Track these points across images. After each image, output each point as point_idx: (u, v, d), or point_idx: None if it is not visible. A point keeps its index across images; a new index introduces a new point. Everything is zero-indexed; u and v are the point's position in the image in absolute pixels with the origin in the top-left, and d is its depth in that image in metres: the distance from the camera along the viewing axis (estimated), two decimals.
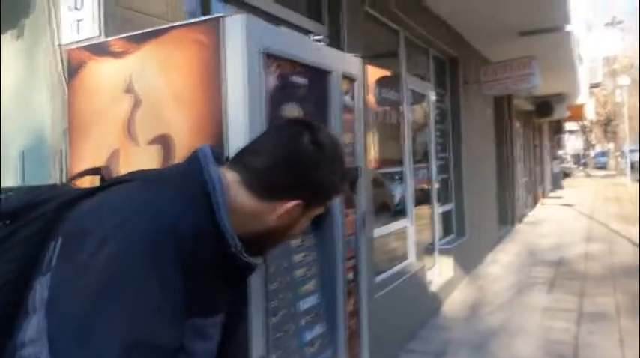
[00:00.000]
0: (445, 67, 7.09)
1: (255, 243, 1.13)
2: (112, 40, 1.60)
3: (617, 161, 35.40)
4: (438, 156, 6.52)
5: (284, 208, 1.05)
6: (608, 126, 39.50)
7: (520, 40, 7.34)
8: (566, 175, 27.83)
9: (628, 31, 32.00)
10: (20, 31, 2.12)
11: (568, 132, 34.87)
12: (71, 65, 1.68)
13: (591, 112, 26.61)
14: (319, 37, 1.79)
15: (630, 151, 26.59)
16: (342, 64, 1.81)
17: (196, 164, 1.04)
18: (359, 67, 1.91)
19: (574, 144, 46.34)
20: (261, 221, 1.07)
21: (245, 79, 1.35)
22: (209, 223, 0.98)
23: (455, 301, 5.97)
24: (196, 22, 1.46)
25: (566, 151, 38.59)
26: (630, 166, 24.64)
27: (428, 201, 6.23)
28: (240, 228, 1.06)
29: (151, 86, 1.49)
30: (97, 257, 0.86)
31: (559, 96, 14.47)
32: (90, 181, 1.23)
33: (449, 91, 7.15)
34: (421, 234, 5.83)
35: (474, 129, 7.75)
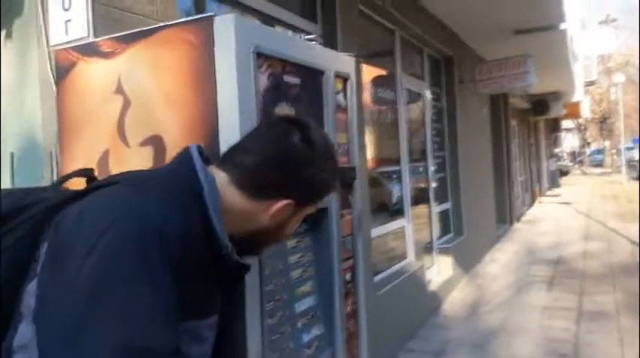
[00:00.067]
0: (440, 65, 7.09)
1: (249, 243, 1.11)
2: (100, 41, 1.57)
3: (613, 159, 35.53)
4: (434, 155, 6.52)
5: (275, 207, 1.03)
6: (604, 124, 39.63)
7: (515, 39, 7.35)
8: (563, 173, 27.89)
9: (622, 29, 32.24)
10: (11, 32, 2.10)
11: (564, 131, 35.01)
12: (60, 66, 1.65)
13: (587, 110, 26.72)
14: (311, 37, 1.77)
15: (626, 149, 26.66)
16: (335, 63, 1.78)
17: (184, 165, 1.02)
18: (352, 66, 1.88)
19: (570, 142, 46.46)
20: (253, 220, 1.05)
21: (236, 78, 1.33)
22: (198, 225, 0.96)
23: (454, 300, 5.96)
24: (186, 21, 1.43)
25: (563, 149, 38.67)
26: (628, 164, 24.71)
27: (425, 200, 6.22)
28: (232, 228, 1.04)
29: (141, 87, 1.47)
30: (84, 265, 0.84)
31: (555, 95, 14.50)
32: (80, 183, 1.21)
33: (445, 90, 7.15)
34: (419, 234, 5.81)
35: (470, 127, 7.74)
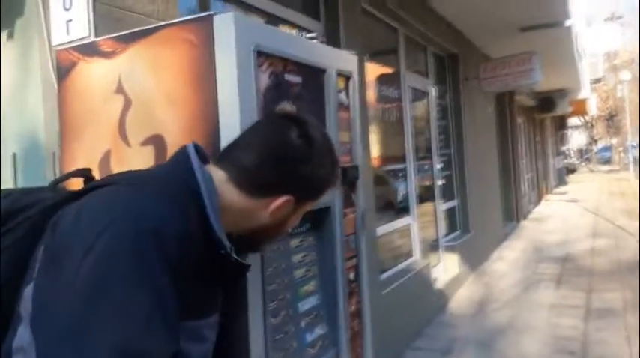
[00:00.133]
0: (445, 63, 7.06)
1: (249, 240, 1.11)
2: (100, 40, 1.57)
3: (620, 156, 35.30)
4: (440, 153, 6.50)
5: (275, 204, 1.02)
6: (610, 122, 39.40)
7: (521, 36, 7.31)
8: (570, 171, 27.76)
9: (628, 26, 31.98)
10: (13, 33, 2.10)
11: (571, 128, 34.84)
12: (61, 66, 1.65)
13: (594, 108, 26.57)
14: (313, 35, 1.76)
15: (633, 146, 26.50)
16: (337, 61, 1.77)
17: (181, 164, 1.01)
18: (355, 64, 1.87)
19: (577, 139, 46.23)
20: (253, 218, 1.05)
21: (236, 77, 1.32)
22: (196, 225, 0.95)
23: (461, 298, 5.94)
24: (185, 20, 1.42)
25: (570, 147, 38.50)
26: (633, 161, 24.55)
27: (431, 198, 6.20)
28: (231, 226, 1.03)
29: (141, 86, 1.46)
30: (81, 266, 0.83)
31: (561, 92, 14.43)
32: (80, 183, 1.20)
33: (450, 88, 7.12)
34: (425, 231, 5.79)
35: (476, 125, 7.71)
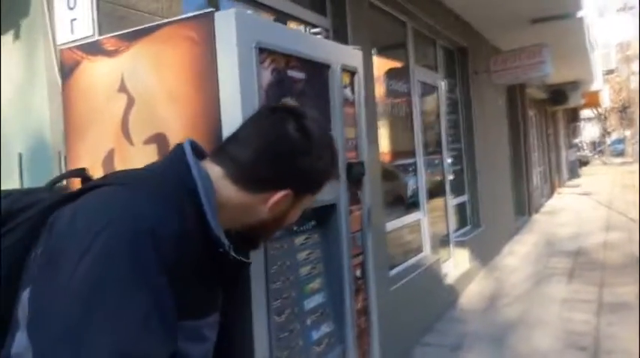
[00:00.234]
0: (454, 57, 7.00)
1: (248, 236, 1.09)
2: (104, 39, 1.56)
3: (633, 148, 34.88)
4: (450, 148, 6.46)
5: (273, 199, 1.01)
6: (624, 113, 38.91)
7: (531, 28, 7.23)
8: (583, 163, 27.51)
9: None
10: (18, 32, 2.10)
11: (584, 120, 34.45)
12: (65, 65, 1.65)
13: (607, 99, 26.25)
14: (317, 30, 1.74)
15: None
16: (342, 56, 1.75)
17: (177, 162, 1.00)
18: (360, 59, 1.85)
19: (590, 131, 45.74)
20: (252, 213, 1.03)
21: (238, 74, 1.31)
22: (193, 223, 0.94)
23: (472, 293, 5.91)
24: (187, 18, 1.42)
25: (583, 139, 38.11)
26: None
27: (441, 192, 6.17)
28: (230, 223, 1.02)
29: (144, 84, 1.46)
30: (78, 267, 0.82)
31: (573, 84, 14.28)
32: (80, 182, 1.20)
33: (459, 82, 7.07)
34: (435, 227, 5.76)
35: (486, 119, 7.65)
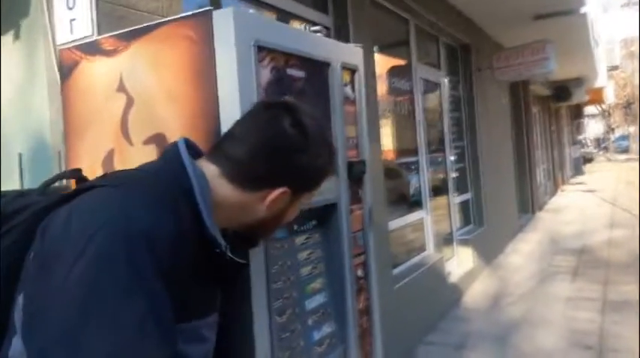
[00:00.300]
0: (457, 54, 6.97)
1: (246, 235, 1.08)
2: (102, 39, 1.56)
3: (638, 144, 34.73)
4: (453, 145, 6.43)
5: (271, 197, 0.99)
6: (628, 109, 38.74)
7: (534, 24, 7.19)
8: (587, 160, 27.42)
9: None
10: (19, 33, 2.10)
11: (587, 117, 34.34)
12: (64, 65, 1.64)
13: (611, 95, 26.15)
14: (316, 28, 1.73)
15: None
16: (342, 54, 1.74)
17: (172, 161, 0.99)
18: (360, 57, 1.84)
19: (594, 128, 45.58)
20: (249, 212, 1.02)
21: (237, 73, 1.30)
22: (189, 224, 0.93)
23: (475, 292, 5.89)
24: (185, 16, 1.41)
25: (587, 136, 37.98)
26: None
27: (444, 190, 6.15)
28: (227, 222, 1.01)
29: (142, 84, 1.45)
30: (72, 272, 0.80)
31: (577, 81, 14.21)
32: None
33: (462, 79, 7.04)
34: (439, 225, 5.74)
35: (489, 116, 7.62)
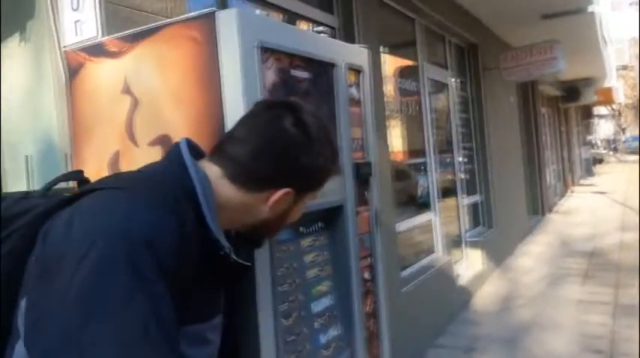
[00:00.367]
0: (465, 54, 6.94)
1: (249, 236, 1.08)
2: (106, 40, 1.56)
3: None
4: (462, 146, 6.39)
5: (274, 198, 0.99)
6: (638, 110, 38.46)
7: (542, 24, 7.15)
8: (597, 161, 27.22)
9: None
10: (25, 35, 2.10)
11: (597, 117, 34.11)
12: (70, 67, 1.65)
13: (621, 95, 25.96)
14: (321, 29, 1.72)
15: None
16: (347, 55, 1.73)
17: (174, 163, 0.98)
18: (366, 57, 1.83)
19: (604, 128, 45.27)
20: (252, 213, 1.01)
21: (241, 74, 1.30)
22: (192, 226, 0.91)
23: (485, 295, 5.84)
24: (189, 18, 1.40)
25: (597, 136, 37.74)
26: None
27: (453, 192, 6.11)
28: (230, 223, 1.00)
29: (147, 86, 1.45)
30: (74, 276, 0.79)
31: (586, 81, 14.11)
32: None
33: (470, 79, 6.99)
34: (447, 227, 5.70)
35: (498, 116, 7.57)
